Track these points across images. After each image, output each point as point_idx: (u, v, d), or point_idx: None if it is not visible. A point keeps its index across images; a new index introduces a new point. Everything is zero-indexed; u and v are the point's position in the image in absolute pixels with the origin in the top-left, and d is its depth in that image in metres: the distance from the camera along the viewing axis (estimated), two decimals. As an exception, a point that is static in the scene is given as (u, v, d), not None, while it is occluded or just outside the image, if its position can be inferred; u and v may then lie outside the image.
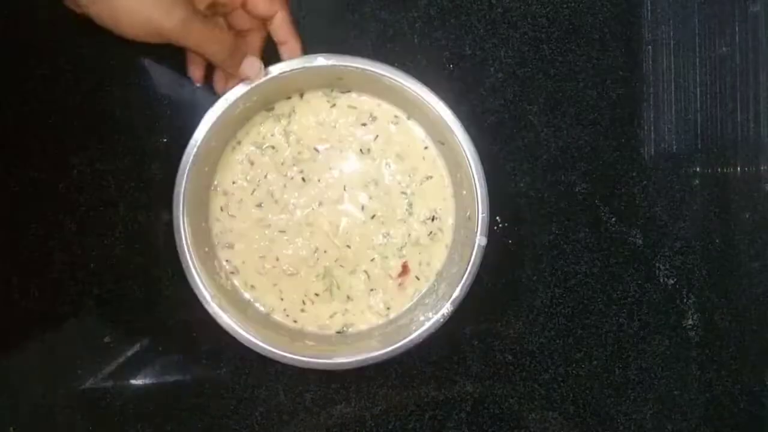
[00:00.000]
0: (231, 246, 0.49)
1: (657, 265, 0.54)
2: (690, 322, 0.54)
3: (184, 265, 0.45)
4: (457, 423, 0.53)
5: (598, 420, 0.54)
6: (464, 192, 0.48)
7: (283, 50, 0.46)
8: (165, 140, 0.51)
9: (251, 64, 0.44)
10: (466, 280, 0.46)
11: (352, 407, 0.52)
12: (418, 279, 0.50)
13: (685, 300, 0.54)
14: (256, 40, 0.46)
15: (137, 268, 0.51)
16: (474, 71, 0.53)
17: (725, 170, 0.55)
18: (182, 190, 0.45)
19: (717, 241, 0.55)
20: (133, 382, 0.52)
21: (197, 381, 0.52)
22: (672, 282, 0.54)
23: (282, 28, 0.45)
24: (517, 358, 0.53)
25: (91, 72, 0.51)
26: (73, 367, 0.51)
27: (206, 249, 0.48)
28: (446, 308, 0.46)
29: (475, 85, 0.53)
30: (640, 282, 0.54)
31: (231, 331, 0.45)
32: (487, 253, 0.47)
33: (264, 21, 0.45)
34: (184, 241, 0.45)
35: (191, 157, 0.45)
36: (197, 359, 0.52)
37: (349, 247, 0.50)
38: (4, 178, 0.50)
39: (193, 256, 0.45)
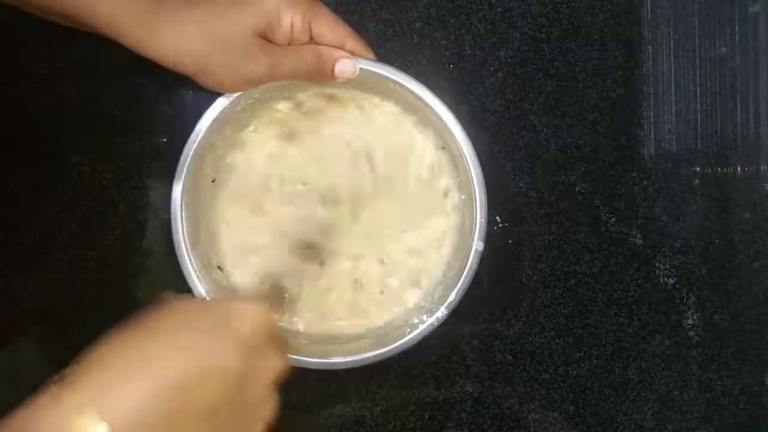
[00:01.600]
0: (228, 241, 0.49)
1: (657, 265, 0.54)
2: (690, 322, 0.54)
3: (180, 259, 0.45)
4: (457, 423, 0.53)
5: (598, 420, 0.54)
6: (463, 196, 0.48)
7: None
8: (165, 140, 0.51)
9: (344, 66, 0.45)
10: (461, 285, 0.46)
11: (352, 407, 0.52)
12: None
13: (685, 300, 0.54)
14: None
15: (137, 268, 0.51)
16: (474, 71, 0.53)
17: (725, 170, 0.55)
18: (181, 185, 0.45)
19: (717, 241, 0.55)
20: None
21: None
22: (672, 282, 0.54)
23: (356, 53, 0.46)
24: (517, 358, 0.53)
25: (91, 72, 0.51)
26: (73, 367, 0.51)
27: (203, 244, 0.48)
28: (441, 312, 0.46)
29: (475, 85, 0.53)
30: (640, 282, 0.54)
31: None
32: (487, 253, 0.47)
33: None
34: (181, 236, 0.45)
35: (191, 152, 0.45)
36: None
37: None
38: (4, 178, 0.50)
39: (189, 252, 0.45)
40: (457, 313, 0.46)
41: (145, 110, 0.51)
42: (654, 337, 0.54)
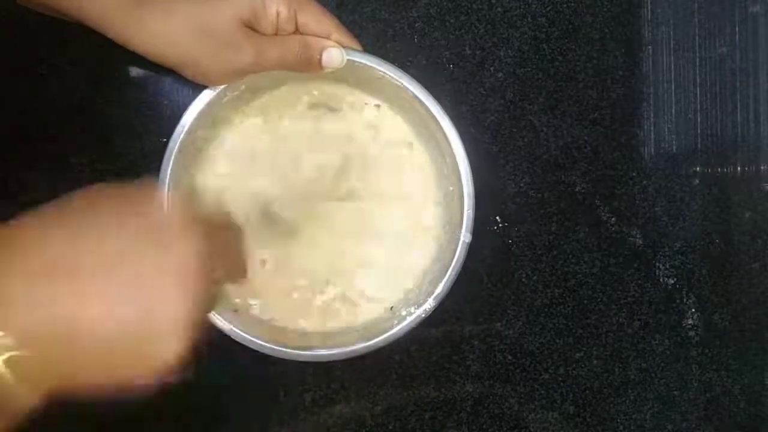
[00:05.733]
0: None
1: (657, 265, 0.54)
2: (690, 322, 0.54)
3: None
4: (457, 423, 0.53)
5: (598, 420, 0.54)
6: (451, 188, 0.48)
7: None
8: (165, 140, 0.51)
9: (331, 56, 0.44)
10: (449, 277, 0.45)
11: (352, 407, 0.52)
12: None
13: (685, 300, 0.54)
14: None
15: (137, 268, 0.51)
16: (474, 71, 0.53)
17: (725, 170, 0.55)
18: (167, 176, 0.44)
19: (717, 241, 0.55)
20: (133, 382, 0.52)
21: (196, 381, 0.52)
22: (672, 282, 0.54)
23: (342, 44, 0.45)
24: (517, 358, 0.53)
25: (91, 72, 0.51)
26: (73, 367, 0.51)
27: None
28: (428, 304, 0.45)
29: (475, 85, 0.53)
30: (640, 282, 0.54)
31: (223, 329, 0.45)
32: (487, 253, 0.47)
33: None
34: None
35: (177, 144, 0.44)
36: (196, 359, 0.52)
37: None
38: (4, 178, 0.50)
39: None
40: (457, 313, 0.46)
41: (144, 110, 0.51)
42: (654, 337, 0.54)
